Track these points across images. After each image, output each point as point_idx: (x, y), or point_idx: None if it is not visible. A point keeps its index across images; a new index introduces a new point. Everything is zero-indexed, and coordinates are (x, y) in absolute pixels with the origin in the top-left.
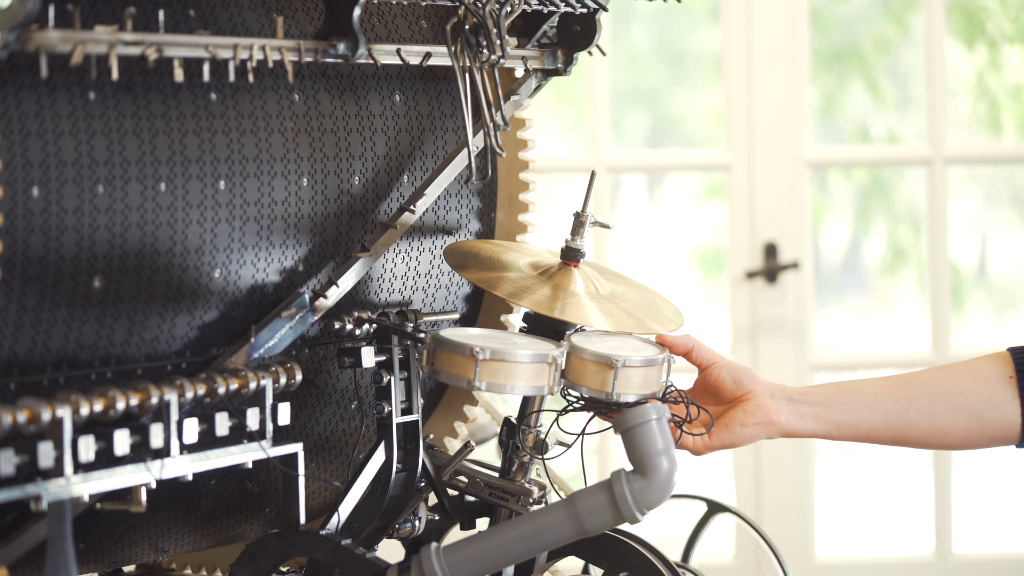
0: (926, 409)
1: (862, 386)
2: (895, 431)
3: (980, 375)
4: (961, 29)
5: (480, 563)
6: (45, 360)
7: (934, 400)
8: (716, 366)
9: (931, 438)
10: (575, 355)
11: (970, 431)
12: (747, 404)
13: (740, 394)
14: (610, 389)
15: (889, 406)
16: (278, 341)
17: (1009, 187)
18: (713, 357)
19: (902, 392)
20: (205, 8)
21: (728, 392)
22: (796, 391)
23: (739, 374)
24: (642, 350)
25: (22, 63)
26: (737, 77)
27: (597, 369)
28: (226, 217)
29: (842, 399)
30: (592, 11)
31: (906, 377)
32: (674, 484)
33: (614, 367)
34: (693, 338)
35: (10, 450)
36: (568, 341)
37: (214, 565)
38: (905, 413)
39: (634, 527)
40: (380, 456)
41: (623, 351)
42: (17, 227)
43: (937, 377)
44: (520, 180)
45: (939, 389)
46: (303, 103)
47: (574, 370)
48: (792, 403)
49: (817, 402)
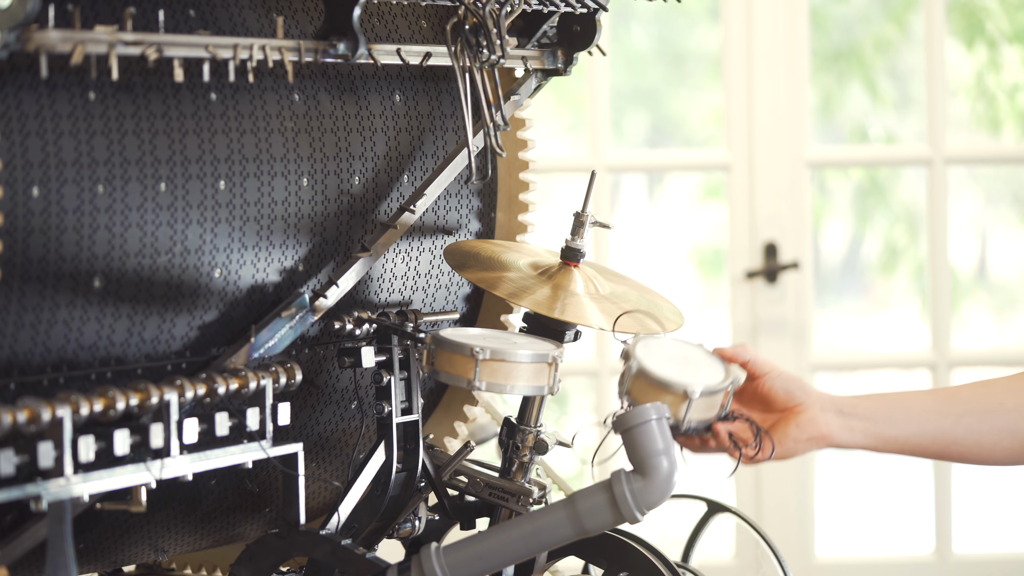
0: (972, 428)
1: (908, 400)
2: (940, 447)
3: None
4: (961, 29)
5: (480, 563)
6: (45, 360)
7: (980, 419)
8: (769, 376)
9: (975, 455)
10: (644, 377)
11: (1013, 449)
12: (799, 418)
13: (792, 405)
14: (681, 417)
15: (936, 423)
16: (278, 341)
17: (1009, 187)
18: (767, 367)
19: (948, 409)
20: (205, 8)
21: (779, 403)
22: (845, 403)
23: (791, 385)
24: (708, 373)
25: (22, 63)
26: (737, 77)
27: (671, 398)
28: (226, 217)
29: (890, 414)
30: (592, 11)
31: (951, 392)
32: (674, 484)
33: (689, 398)
34: (749, 348)
35: (10, 450)
36: (634, 356)
37: (214, 565)
38: (952, 430)
39: (634, 527)
40: (380, 456)
41: (692, 375)
42: (17, 227)
43: (982, 394)
44: (520, 180)
45: (984, 408)
46: (303, 103)
47: (641, 391)
48: (842, 416)
49: (865, 416)
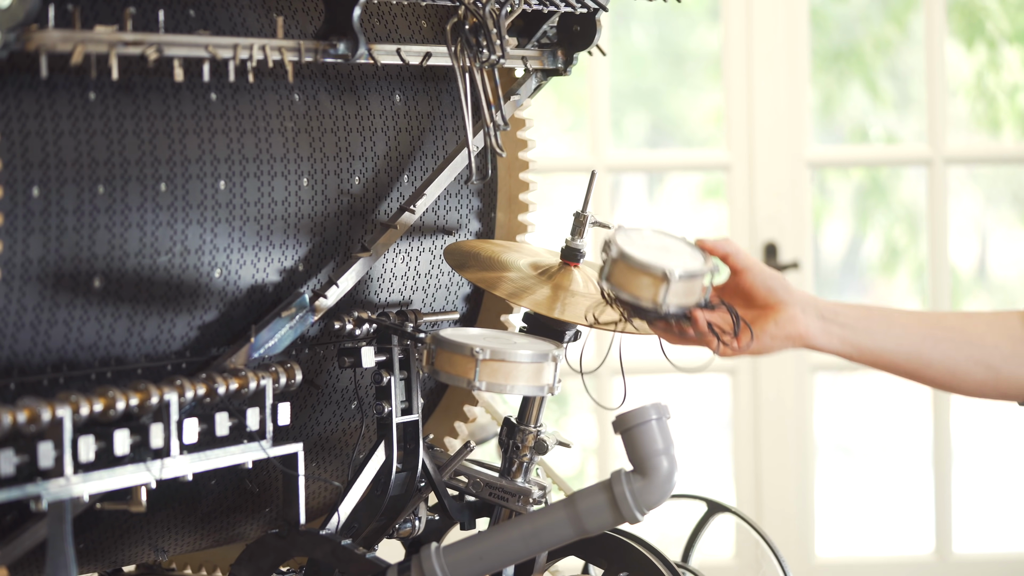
0: (948, 354)
1: (891, 316)
2: (914, 367)
3: (1005, 331)
4: (960, 29)
5: (480, 563)
6: (45, 360)
7: (958, 348)
8: (751, 271)
9: (945, 381)
10: (624, 261)
11: (985, 383)
12: (779, 316)
13: (773, 303)
14: (660, 300)
15: (914, 343)
16: (278, 341)
17: (1009, 187)
18: (749, 262)
19: (929, 332)
20: (205, 8)
21: (760, 299)
22: (827, 308)
23: (773, 282)
24: (687, 259)
25: (22, 63)
26: (737, 77)
27: (648, 280)
28: (226, 217)
29: (870, 326)
30: (592, 11)
31: (936, 318)
32: (674, 484)
33: (668, 280)
34: (732, 242)
35: (10, 450)
36: (615, 243)
37: (214, 565)
38: (928, 353)
39: (634, 527)
40: (380, 456)
41: (672, 260)
42: (17, 227)
43: (964, 325)
44: (520, 180)
45: (964, 338)
46: (303, 103)
47: (621, 275)
48: (822, 320)
49: (845, 323)
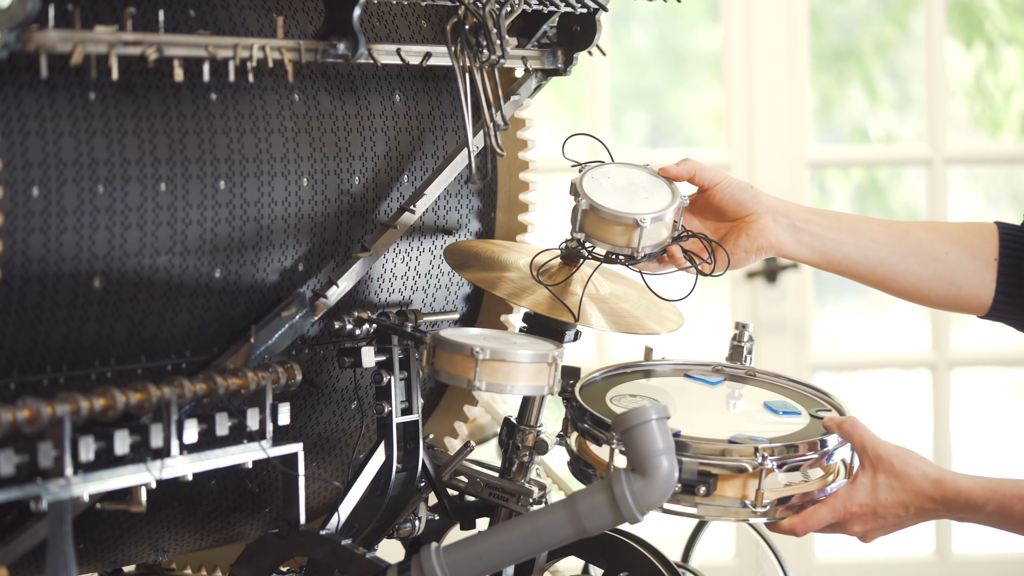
0: (913, 269)
1: (861, 226)
2: (879, 279)
3: (970, 249)
4: (959, 29)
5: (480, 563)
6: (45, 360)
7: (923, 264)
8: (720, 187)
9: (908, 293)
10: (595, 213)
11: (946, 297)
12: (751, 228)
13: (744, 214)
14: (636, 245)
15: (881, 256)
16: (278, 341)
17: (1009, 187)
18: (716, 177)
19: (896, 246)
20: (205, 8)
21: (731, 212)
22: (798, 215)
23: (743, 195)
24: (653, 194)
25: (22, 63)
26: (737, 77)
27: (621, 228)
28: (226, 217)
29: (840, 236)
30: (592, 11)
31: (903, 229)
32: (674, 484)
33: (640, 227)
34: (693, 161)
35: (10, 450)
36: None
37: (214, 565)
38: (894, 267)
39: (634, 527)
40: (380, 456)
41: (640, 203)
42: (17, 227)
43: (931, 240)
44: (520, 180)
45: (930, 254)
46: (303, 103)
47: (594, 226)
48: (793, 230)
49: (816, 233)
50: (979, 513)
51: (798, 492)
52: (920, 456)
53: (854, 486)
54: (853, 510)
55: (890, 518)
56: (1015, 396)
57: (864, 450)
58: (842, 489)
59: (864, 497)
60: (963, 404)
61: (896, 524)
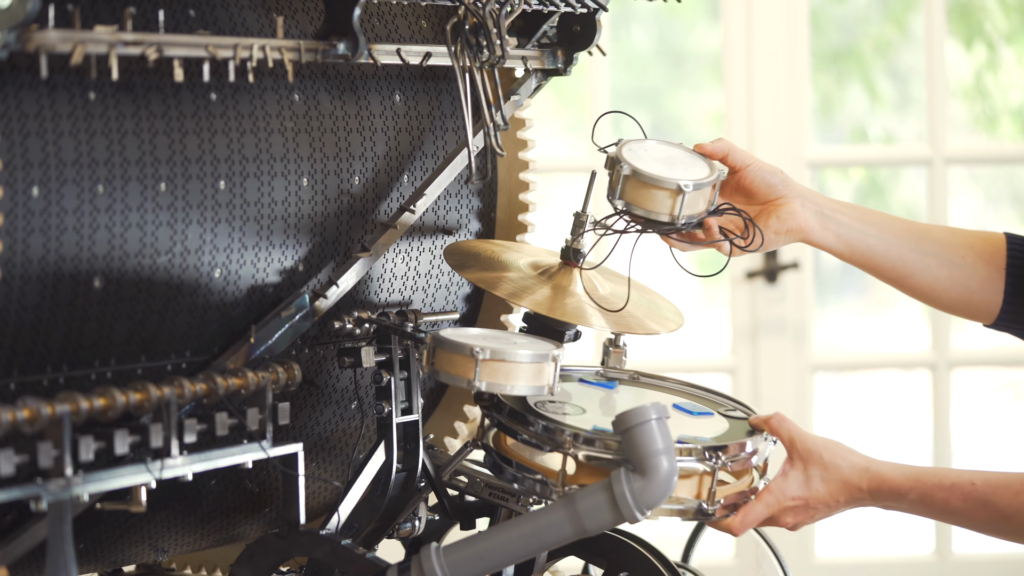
0: (931, 269)
1: (884, 221)
2: (897, 274)
3: (983, 255)
4: (959, 29)
5: (480, 563)
6: (45, 360)
7: (941, 264)
8: (751, 169)
9: (923, 293)
10: (637, 178)
11: (959, 301)
12: (780, 210)
13: (773, 197)
14: (676, 213)
15: (902, 252)
16: (278, 341)
17: (1009, 187)
18: (748, 159)
19: (917, 244)
20: (205, 8)
21: (761, 195)
22: (825, 203)
23: (773, 178)
24: (694, 168)
25: (22, 63)
26: (737, 77)
27: (663, 194)
28: (226, 217)
29: (865, 228)
30: (592, 11)
31: (923, 229)
32: (674, 484)
33: (683, 192)
34: (727, 140)
35: (10, 450)
36: (624, 160)
37: (214, 565)
38: (912, 264)
39: (634, 527)
40: (380, 456)
41: (681, 172)
42: (17, 227)
43: (950, 243)
44: (520, 180)
45: (948, 256)
46: (303, 103)
47: (635, 191)
48: (821, 216)
49: (842, 221)
50: (903, 501)
51: (735, 491)
52: (847, 447)
53: (785, 480)
54: (786, 504)
55: (821, 508)
56: (1015, 396)
57: (793, 444)
58: (773, 484)
59: (796, 490)
60: (963, 404)
61: (826, 513)
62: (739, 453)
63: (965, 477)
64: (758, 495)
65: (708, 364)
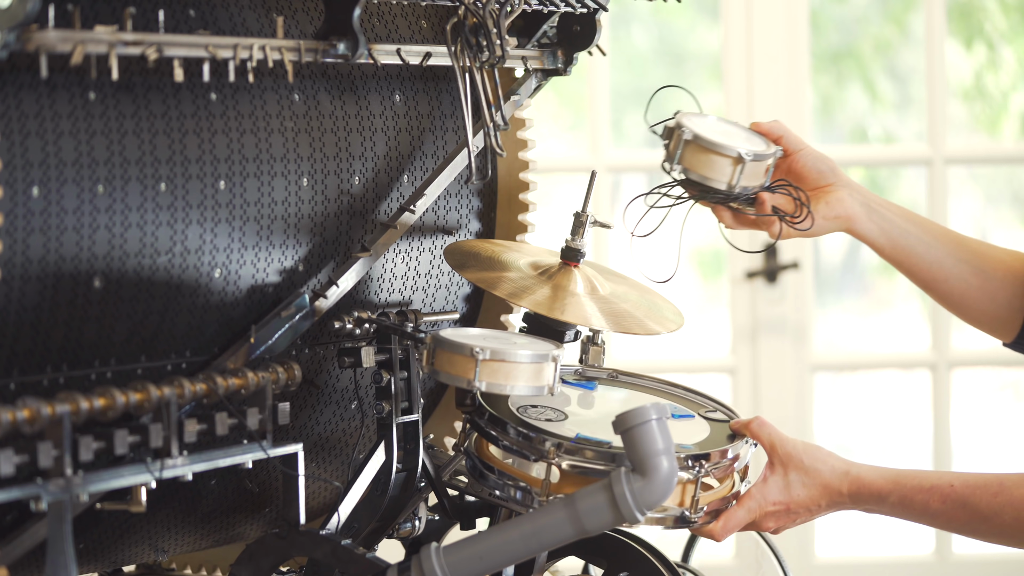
0: (964, 277)
1: (924, 223)
2: (933, 277)
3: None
4: (959, 29)
5: (480, 563)
6: (45, 360)
7: (974, 273)
8: (802, 153)
9: (953, 301)
10: (698, 143)
11: (987, 313)
12: (829, 196)
13: (822, 184)
14: (734, 181)
15: (940, 256)
16: (278, 341)
17: (1009, 187)
18: (800, 144)
19: (953, 250)
20: (205, 8)
21: (811, 180)
22: (871, 196)
23: (823, 164)
24: (751, 142)
25: (22, 63)
26: (737, 77)
27: (722, 160)
28: (226, 217)
29: (908, 226)
30: (592, 11)
31: (959, 236)
32: (674, 484)
33: (744, 160)
34: (782, 123)
35: (10, 450)
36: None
37: (214, 565)
38: (949, 269)
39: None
40: (380, 456)
41: (740, 142)
42: (17, 227)
43: (985, 253)
44: (520, 180)
45: (981, 266)
46: (303, 103)
47: (694, 157)
48: (868, 208)
49: (887, 216)
50: (883, 504)
51: (717, 497)
52: (827, 451)
53: (766, 485)
54: (768, 508)
55: (802, 512)
56: (1015, 396)
57: (773, 449)
58: (755, 489)
59: (777, 495)
60: (963, 404)
61: (807, 517)
62: (721, 460)
63: (944, 479)
64: (740, 500)
65: (708, 364)
